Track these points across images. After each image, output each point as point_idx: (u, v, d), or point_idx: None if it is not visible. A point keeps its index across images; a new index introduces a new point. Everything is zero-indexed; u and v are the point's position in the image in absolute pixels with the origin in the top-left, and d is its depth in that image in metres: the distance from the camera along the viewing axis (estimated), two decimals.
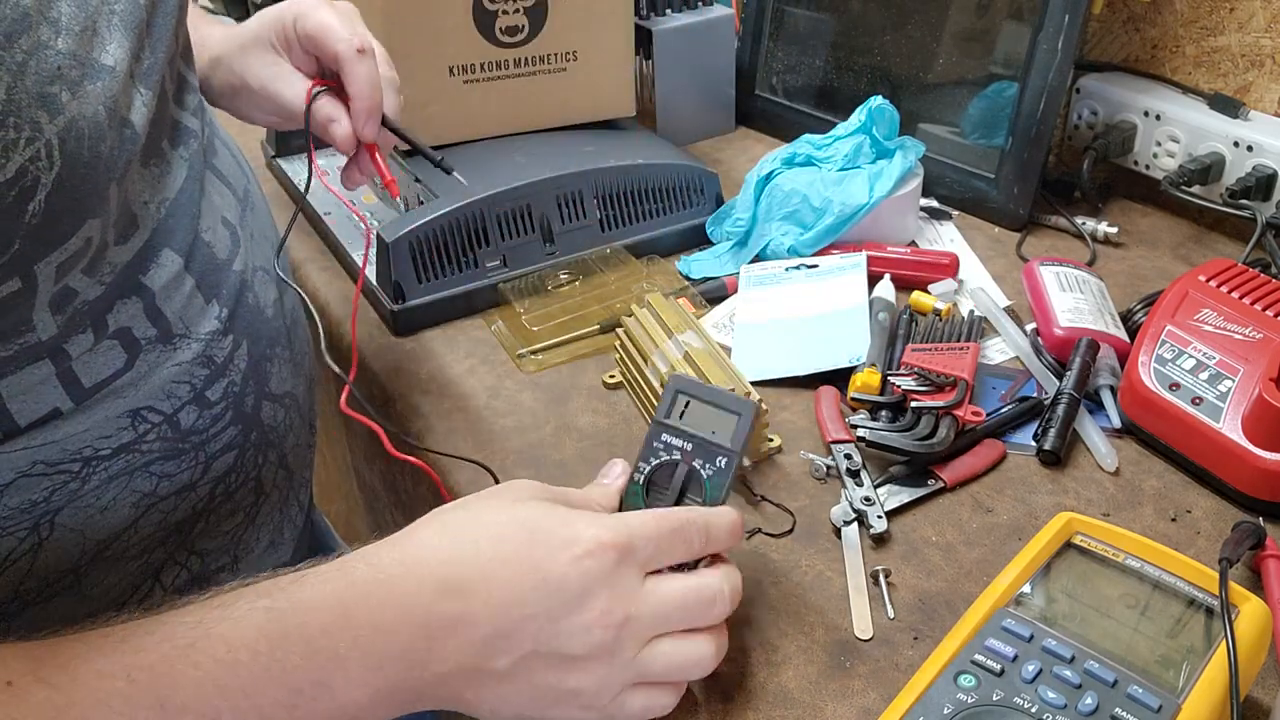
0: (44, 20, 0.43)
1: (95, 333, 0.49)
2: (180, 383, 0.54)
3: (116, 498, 0.52)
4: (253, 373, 0.59)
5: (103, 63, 0.46)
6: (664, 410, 0.54)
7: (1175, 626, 0.49)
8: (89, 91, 0.45)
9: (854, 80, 1.04)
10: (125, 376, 0.51)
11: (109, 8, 0.47)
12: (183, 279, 0.54)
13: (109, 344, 0.50)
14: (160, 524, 0.55)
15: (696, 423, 0.53)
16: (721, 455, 0.52)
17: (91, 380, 0.49)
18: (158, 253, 0.52)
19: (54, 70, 0.43)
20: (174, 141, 0.55)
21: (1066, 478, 0.65)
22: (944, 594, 0.57)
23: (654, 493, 0.53)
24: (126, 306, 0.51)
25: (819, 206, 0.84)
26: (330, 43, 0.63)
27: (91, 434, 0.50)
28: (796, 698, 0.52)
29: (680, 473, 0.52)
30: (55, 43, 0.43)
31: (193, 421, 0.54)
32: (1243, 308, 0.68)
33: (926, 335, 0.75)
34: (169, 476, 0.54)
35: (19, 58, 0.41)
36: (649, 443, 0.54)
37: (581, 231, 0.86)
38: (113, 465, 0.51)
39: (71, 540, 0.51)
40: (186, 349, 0.54)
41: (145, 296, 0.52)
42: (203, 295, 0.55)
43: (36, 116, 0.42)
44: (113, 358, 0.50)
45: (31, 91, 0.42)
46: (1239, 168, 0.86)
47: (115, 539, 0.53)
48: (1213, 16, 0.90)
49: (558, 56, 0.90)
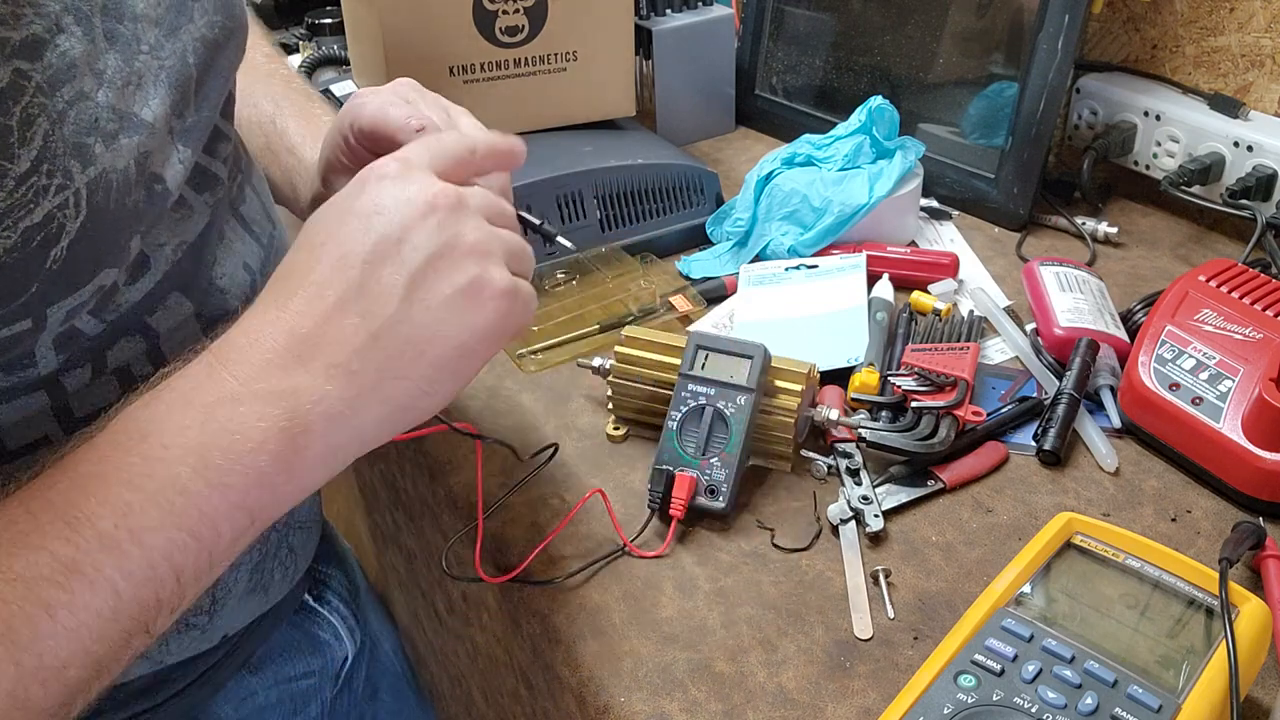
0: (90, 72, 0.43)
1: (94, 369, 0.49)
2: None
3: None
4: None
5: (141, 117, 0.46)
6: (687, 364, 0.64)
7: (1175, 626, 0.49)
8: (122, 145, 0.44)
9: (854, 80, 1.04)
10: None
11: (159, 63, 0.47)
12: (189, 324, 0.53)
13: (106, 381, 0.49)
14: None
15: (716, 370, 0.63)
16: (741, 394, 0.62)
17: (84, 412, 0.49)
18: (167, 296, 0.52)
19: (91, 121, 0.43)
20: (199, 188, 0.54)
21: (1066, 478, 0.65)
22: (944, 594, 0.57)
23: (685, 435, 0.62)
24: (130, 345, 0.50)
25: (819, 206, 0.84)
26: (389, 135, 0.59)
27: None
28: (796, 698, 0.52)
29: (707, 414, 0.62)
30: (96, 94, 0.43)
31: None
32: (1243, 308, 0.68)
33: (926, 335, 0.75)
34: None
35: (60, 106, 0.41)
36: (677, 394, 0.63)
37: (581, 231, 0.86)
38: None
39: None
40: None
41: (150, 338, 0.51)
42: (210, 340, 0.54)
43: (69, 165, 0.42)
44: (108, 393, 0.49)
45: (68, 140, 0.42)
46: (1239, 168, 0.86)
47: None
48: (1213, 16, 0.90)
49: (558, 56, 0.90)
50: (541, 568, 0.60)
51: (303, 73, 1.17)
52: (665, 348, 0.67)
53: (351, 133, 0.60)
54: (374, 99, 0.60)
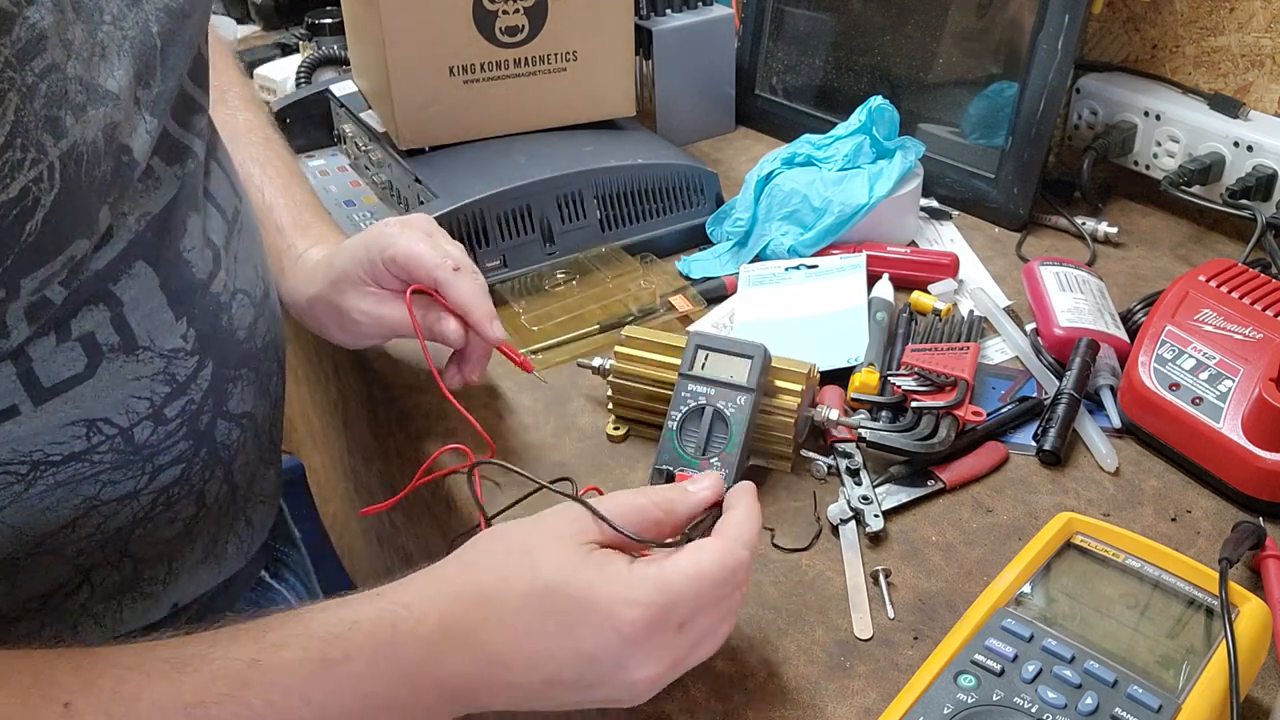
0: (60, 43, 0.43)
1: (57, 336, 0.49)
2: (139, 398, 0.53)
3: (60, 500, 0.52)
4: (213, 392, 0.58)
5: (106, 88, 0.46)
6: (687, 364, 0.63)
7: (1175, 626, 0.49)
8: (90, 117, 0.44)
9: (854, 80, 1.04)
10: (86, 383, 0.50)
11: (121, 33, 0.47)
12: (154, 293, 0.53)
13: (70, 346, 0.49)
14: (99, 527, 0.55)
15: (716, 370, 0.63)
16: (741, 394, 0.62)
17: (50, 380, 0.49)
18: (131, 264, 0.52)
19: (61, 94, 0.43)
20: (169, 159, 0.54)
21: (1066, 478, 0.65)
22: (944, 594, 0.57)
23: (685, 435, 0.62)
24: (93, 313, 0.50)
25: (819, 206, 0.84)
26: (424, 270, 0.65)
27: (44, 438, 0.50)
28: (796, 698, 0.52)
29: (707, 414, 0.62)
30: (65, 66, 0.43)
31: (146, 437, 0.54)
32: (1243, 308, 0.68)
33: (926, 335, 0.75)
34: (113, 484, 0.54)
35: (30, 80, 0.41)
36: (678, 394, 0.63)
37: (582, 231, 0.86)
38: (61, 473, 0.51)
39: (7, 535, 0.51)
40: (149, 363, 0.53)
41: (113, 306, 0.51)
42: (173, 312, 0.54)
43: (42, 139, 0.42)
44: (73, 360, 0.50)
45: (39, 114, 0.42)
46: (1239, 168, 0.86)
47: (51, 537, 0.53)
48: (1213, 16, 0.90)
49: (558, 56, 0.90)
50: None
51: (303, 73, 1.17)
52: (665, 348, 0.67)
53: (381, 260, 0.66)
54: (404, 234, 0.66)
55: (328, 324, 0.71)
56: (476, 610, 0.45)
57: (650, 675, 0.45)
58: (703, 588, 0.46)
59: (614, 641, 0.45)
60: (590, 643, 0.45)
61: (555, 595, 0.45)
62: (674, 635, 0.46)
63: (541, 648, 0.45)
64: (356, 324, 0.69)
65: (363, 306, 0.68)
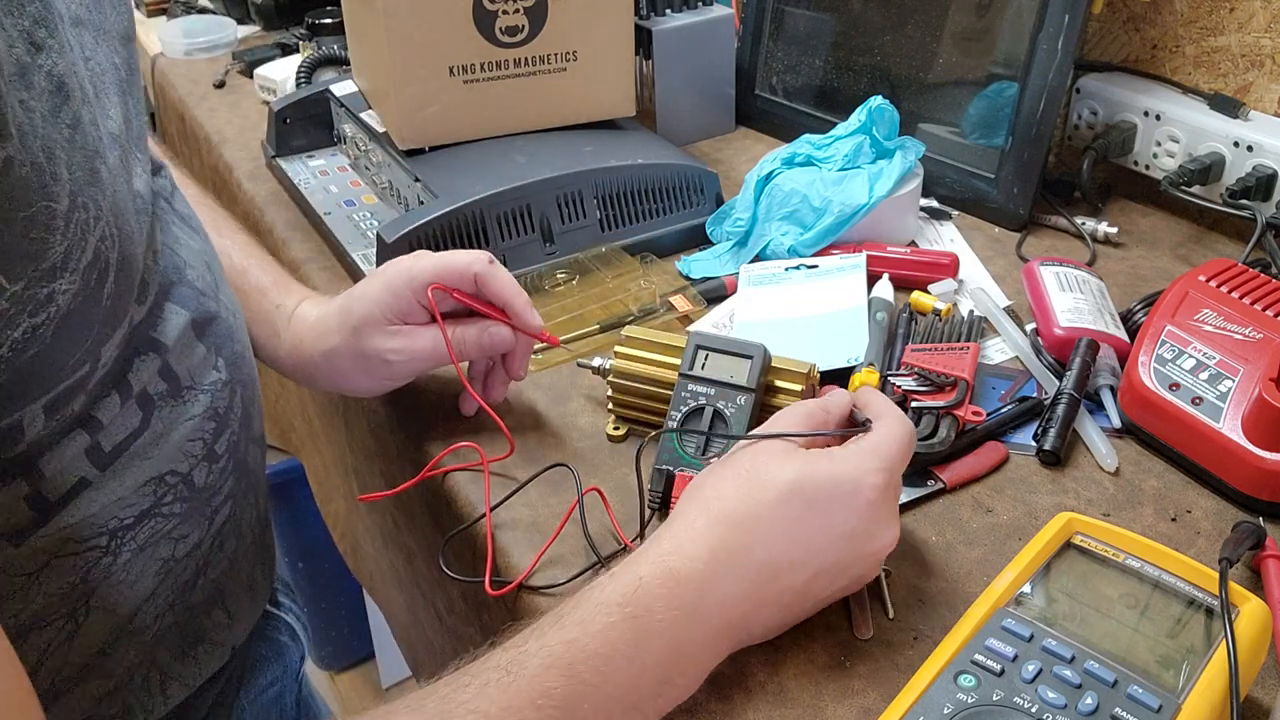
0: (78, 88, 0.41)
1: (119, 394, 0.48)
2: (194, 440, 0.53)
3: (143, 569, 0.51)
4: (244, 419, 0.58)
5: (111, 130, 0.44)
6: (686, 364, 0.63)
7: (1175, 626, 0.49)
8: (111, 162, 0.43)
9: (854, 80, 1.04)
10: (144, 437, 0.49)
11: (100, 69, 0.45)
12: (185, 331, 0.52)
13: (129, 406, 0.48)
14: (171, 588, 0.54)
15: (716, 370, 0.63)
16: (741, 394, 0.62)
17: (111, 443, 0.48)
18: (162, 305, 0.51)
19: (93, 143, 0.41)
20: (154, 185, 0.54)
21: (1066, 478, 0.65)
22: (944, 594, 0.57)
23: (686, 435, 0.62)
24: (145, 363, 0.49)
25: (819, 206, 0.84)
26: (462, 271, 0.65)
27: (118, 504, 0.49)
28: (796, 698, 0.52)
29: (707, 414, 0.62)
30: (83, 112, 0.41)
31: (204, 479, 0.54)
32: (1243, 308, 0.68)
33: (926, 335, 0.75)
34: (184, 538, 0.53)
35: (64, 132, 0.40)
36: (678, 394, 0.63)
37: (581, 231, 0.86)
38: (139, 534, 0.50)
39: (103, 621, 0.50)
40: (195, 402, 0.53)
41: (161, 352, 0.50)
42: (203, 345, 0.54)
43: (93, 194, 0.41)
44: (130, 417, 0.49)
45: (83, 166, 0.40)
46: (1239, 168, 0.86)
47: (137, 612, 0.52)
48: (1213, 16, 0.90)
49: (558, 56, 0.90)
50: (541, 568, 0.60)
51: (303, 73, 1.17)
52: (665, 348, 0.67)
53: (410, 288, 0.64)
54: (419, 257, 0.65)
55: (352, 373, 0.68)
56: (737, 533, 0.49)
57: (890, 539, 0.51)
58: (903, 449, 0.52)
59: (865, 512, 0.49)
60: (843, 519, 0.49)
61: (804, 487, 0.49)
62: (895, 497, 0.52)
63: (804, 540, 0.49)
64: (388, 365, 0.67)
65: (394, 345, 0.66)
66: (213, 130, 1.20)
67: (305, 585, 1.66)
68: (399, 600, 0.92)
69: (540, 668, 0.43)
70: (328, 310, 0.69)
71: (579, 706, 0.43)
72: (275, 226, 0.99)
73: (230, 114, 1.23)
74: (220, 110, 1.25)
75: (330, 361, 0.68)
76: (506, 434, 0.67)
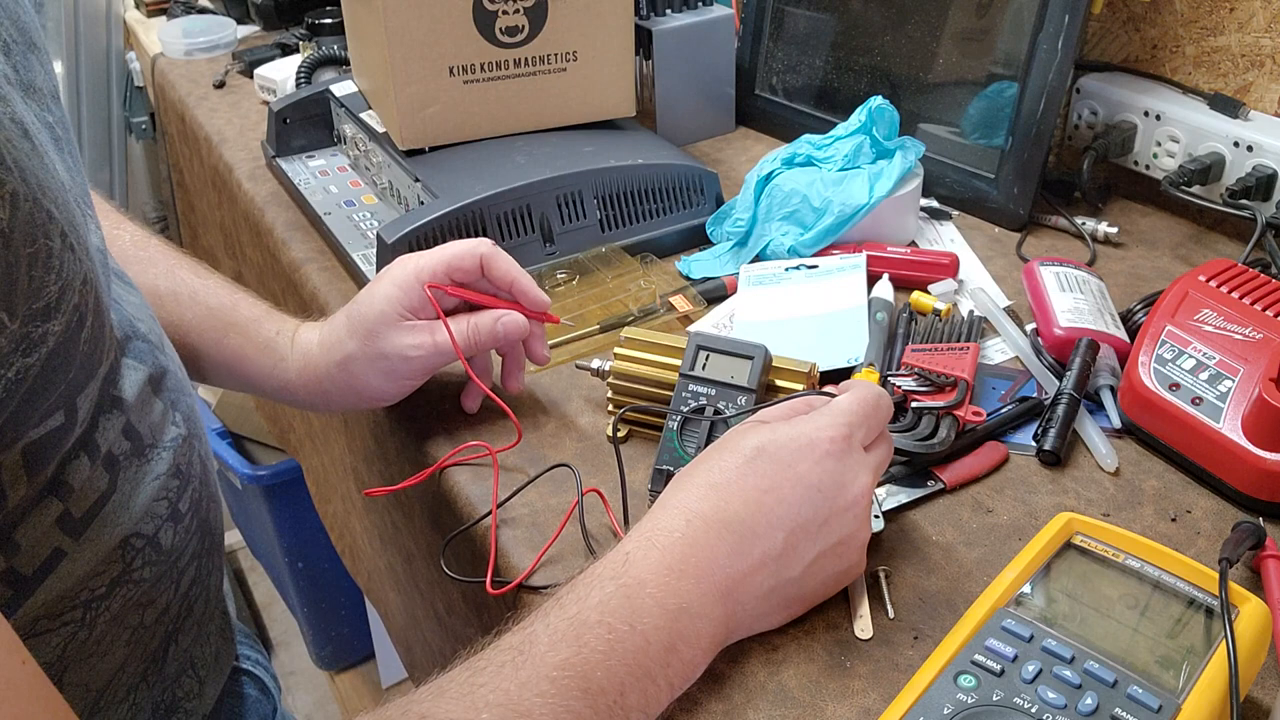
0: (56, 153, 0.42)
1: (89, 456, 0.47)
2: (159, 499, 0.52)
3: (113, 639, 0.50)
4: (203, 474, 0.57)
5: (63, 182, 0.44)
6: (687, 364, 0.64)
7: (1175, 627, 0.49)
8: (77, 223, 0.43)
9: (854, 80, 1.04)
10: (112, 500, 0.48)
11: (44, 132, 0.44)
12: (142, 386, 0.52)
13: (97, 469, 0.47)
14: (141, 657, 0.53)
15: (717, 371, 0.63)
16: (742, 394, 0.62)
17: (81, 509, 0.47)
18: (120, 363, 0.50)
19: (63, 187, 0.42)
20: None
21: (1066, 478, 0.65)
22: (944, 594, 0.57)
23: (686, 435, 0.62)
24: (110, 423, 0.49)
25: (819, 207, 0.84)
26: (466, 257, 0.66)
27: (90, 575, 0.48)
28: (796, 698, 0.52)
29: (708, 414, 0.62)
30: (46, 158, 0.42)
31: (170, 540, 0.53)
32: (1243, 308, 0.68)
33: (926, 335, 0.75)
34: (152, 603, 0.52)
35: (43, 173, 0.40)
36: (678, 394, 0.63)
37: (581, 232, 0.86)
38: (113, 604, 0.49)
39: (77, 698, 0.49)
40: (159, 460, 0.52)
41: (124, 409, 0.50)
42: (160, 401, 0.53)
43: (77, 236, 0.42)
44: (98, 480, 0.48)
45: (63, 207, 0.41)
46: (1239, 168, 0.86)
47: (109, 685, 0.51)
48: (1213, 16, 0.90)
49: (558, 57, 0.90)
50: (541, 567, 0.60)
51: (303, 73, 1.17)
52: (665, 348, 0.67)
53: (419, 281, 0.65)
54: (422, 253, 0.66)
55: (371, 378, 0.67)
56: (711, 495, 0.52)
57: (865, 485, 0.53)
58: (865, 409, 0.55)
59: (826, 463, 0.52)
60: (807, 469, 0.52)
61: (768, 448, 0.53)
62: (862, 453, 0.54)
63: (774, 493, 0.51)
64: (408, 362, 0.66)
65: (412, 340, 0.66)
66: (213, 130, 1.20)
67: (305, 585, 1.66)
68: (397, 601, 0.92)
69: (550, 644, 0.45)
70: (333, 324, 0.69)
71: (592, 675, 0.45)
72: (275, 226, 0.99)
73: (230, 114, 1.23)
74: (220, 110, 1.25)
75: (346, 369, 0.68)
76: (514, 420, 0.67)
